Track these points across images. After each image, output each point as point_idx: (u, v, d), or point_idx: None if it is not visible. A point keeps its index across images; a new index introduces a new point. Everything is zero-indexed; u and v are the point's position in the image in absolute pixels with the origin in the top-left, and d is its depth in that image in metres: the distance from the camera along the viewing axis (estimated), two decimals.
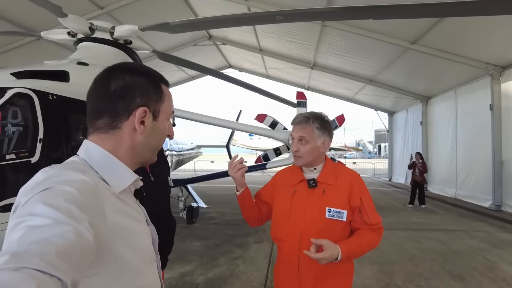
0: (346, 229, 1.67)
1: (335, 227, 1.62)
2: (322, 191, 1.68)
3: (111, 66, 0.87)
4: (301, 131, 1.73)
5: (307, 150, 1.71)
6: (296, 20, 5.50)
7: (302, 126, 1.73)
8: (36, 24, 8.56)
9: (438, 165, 12.48)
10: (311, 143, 1.71)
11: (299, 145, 1.72)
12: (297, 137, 1.73)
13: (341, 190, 1.67)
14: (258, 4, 9.41)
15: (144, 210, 0.93)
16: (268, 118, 6.51)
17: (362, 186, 1.72)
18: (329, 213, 1.63)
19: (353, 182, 1.70)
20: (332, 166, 1.78)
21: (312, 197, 1.68)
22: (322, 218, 1.63)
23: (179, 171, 14.90)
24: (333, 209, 1.63)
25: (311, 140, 1.71)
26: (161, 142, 0.93)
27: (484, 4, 3.02)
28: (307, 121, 1.73)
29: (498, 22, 6.85)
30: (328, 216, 1.62)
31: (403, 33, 8.85)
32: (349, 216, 1.65)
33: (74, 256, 0.55)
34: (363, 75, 13.26)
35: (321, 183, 1.70)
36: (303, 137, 1.71)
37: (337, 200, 1.65)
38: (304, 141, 1.71)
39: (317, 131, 1.72)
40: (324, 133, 1.74)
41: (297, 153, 1.73)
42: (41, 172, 0.69)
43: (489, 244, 5.89)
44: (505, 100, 8.71)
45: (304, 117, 1.75)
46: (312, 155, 1.72)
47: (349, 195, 1.66)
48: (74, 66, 3.83)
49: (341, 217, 1.63)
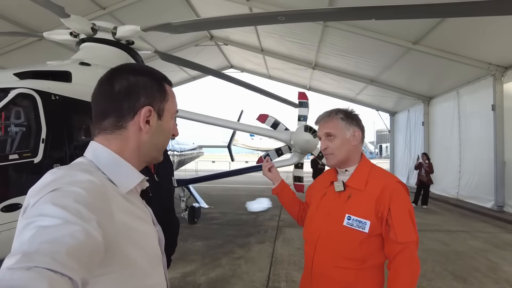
0: (367, 243, 1.43)
1: (353, 238, 1.42)
2: (347, 196, 1.51)
3: (115, 68, 0.88)
4: (325, 126, 1.58)
5: (337, 145, 1.54)
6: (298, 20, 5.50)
7: (325, 121, 1.59)
8: (39, 24, 8.59)
9: (440, 166, 12.41)
10: (340, 137, 1.55)
11: (326, 141, 1.57)
12: (323, 135, 1.58)
13: (368, 197, 1.46)
14: (260, 5, 9.42)
15: (151, 210, 0.94)
16: (270, 118, 6.51)
17: (396, 195, 1.44)
18: (348, 221, 1.44)
19: (385, 189, 1.45)
20: (367, 169, 1.56)
21: (337, 201, 1.53)
22: (339, 226, 1.46)
23: (180, 171, 14.93)
24: (353, 217, 1.44)
25: (339, 133, 1.55)
26: (167, 141, 0.94)
27: (486, 4, 3.01)
28: (329, 115, 1.59)
29: (500, 23, 6.83)
30: (346, 224, 1.44)
31: (405, 34, 8.84)
32: (373, 228, 1.42)
33: (84, 256, 0.56)
34: (365, 75, 13.24)
35: (349, 187, 1.53)
36: (329, 132, 1.56)
37: (360, 208, 1.45)
38: (331, 136, 1.56)
39: (342, 122, 1.55)
40: (351, 123, 1.56)
41: (327, 150, 1.57)
42: (49, 173, 0.70)
43: (492, 245, 5.87)
44: (507, 101, 8.68)
45: (325, 112, 1.62)
46: (344, 150, 1.55)
47: (377, 204, 1.43)
48: (77, 66, 3.84)
49: (362, 228, 1.42)
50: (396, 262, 1.39)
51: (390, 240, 1.40)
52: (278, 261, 4.90)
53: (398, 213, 1.41)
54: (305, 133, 6.00)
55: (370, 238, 1.42)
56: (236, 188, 13.99)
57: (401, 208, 1.42)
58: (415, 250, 1.42)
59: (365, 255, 1.43)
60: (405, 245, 1.38)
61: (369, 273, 1.45)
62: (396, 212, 1.41)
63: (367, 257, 1.44)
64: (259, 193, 12.63)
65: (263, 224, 7.43)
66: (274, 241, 5.98)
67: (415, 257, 1.41)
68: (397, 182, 1.51)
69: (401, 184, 1.51)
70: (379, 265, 1.47)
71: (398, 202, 1.43)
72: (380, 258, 1.47)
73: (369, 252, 1.44)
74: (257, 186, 14.80)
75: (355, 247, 1.42)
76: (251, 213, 8.93)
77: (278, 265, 4.75)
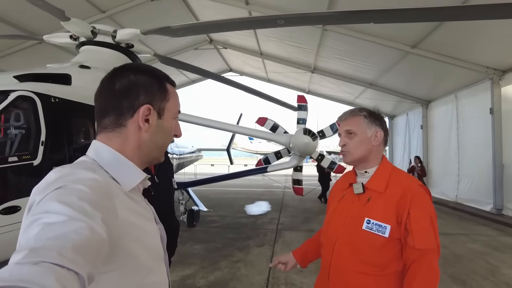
0: (387, 248, 1.38)
1: (373, 242, 1.37)
2: (367, 199, 1.45)
3: (117, 67, 0.89)
4: (347, 123, 1.54)
5: (356, 143, 1.50)
6: (297, 24, 5.53)
7: (347, 117, 1.55)
8: (39, 27, 8.60)
9: (438, 169, 12.46)
10: (360, 135, 1.50)
11: (346, 138, 1.52)
12: (344, 131, 1.54)
13: (389, 200, 1.40)
14: (259, 8, 9.46)
15: (153, 208, 0.95)
16: (269, 121, 6.54)
17: (417, 199, 1.38)
18: (367, 225, 1.39)
19: (406, 193, 1.38)
20: (388, 171, 1.50)
21: (356, 204, 1.48)
22: (358, 229, 1.40)
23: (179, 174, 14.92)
24: (373, 221, 1.39)
25: (360, 131, 1.50)
26: (168, 140, 0.94)
27: (483, 8, 3.04)
28: (352, 111, 1.55)
29: (497, 27, 6.87)
30: (365, 228, 1.39)
31: (404, 37, 8.89)
32: (393, 233, 1.36)
33: (89, 251, 0.57)
34: (364, 79, 13.29)
35: (368, 190, 1.47)
36: (350, 129, 1.52)
37: (381, 212, 1.39)
38: (352, 134, 1.51)
39: (365, 120, 1.51)
40: (374, 123, 1.52)
41: (345, 147, 1.53)
42: (53, 172, 0.71)
43: (491, 247, 5.88)
44: (505, 104, 8.72)
45: (350, 110, 1.59)
46: (363, 149, 1.50)
47: (397, 208, 1.37)
48: (76, 69, 3.86)
49: (382, 232, 1.36)
50: (412, 269, 1.32)
51: (408, 246, 1.34)
52: None
53: (418, 218, 1.35)
54: (304, 136, 6.02)
55: (390, 243, 1.37)
56: (235, 191, 13.98)
57: (421, 213, 1.36)
58: (434, 258, 1.33)
59: (386, 261, 1.38)
60: (423, 252, 1.31)
61: (390, 280, 1.39)
62: (416, 216, 1.34)
63: (388, 263, 1.38)
64: (258, 196, 12.63)
65: (262, 227, 7.41)
66: (273, 244, 5.97)
67: (433, 265, 1.32)
68: (420, 186, 1.45)
69: (423, 188, 1.44)
70: (401, 272, 1.39)
71: (419, 207, 1.37)
72: (402, 265, 1.40)
73: (390, 258, 1.38)
74: (256, 190, 14.78)
75: (375, 252, 1.37)
76: (250, 216, 8.92)
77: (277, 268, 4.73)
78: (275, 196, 12.78)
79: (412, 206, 1.35)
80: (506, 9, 2.91)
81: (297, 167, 6.64)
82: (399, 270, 1.39)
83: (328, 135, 6.57)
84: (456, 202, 10.61)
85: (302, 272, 4.41)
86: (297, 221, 8.21)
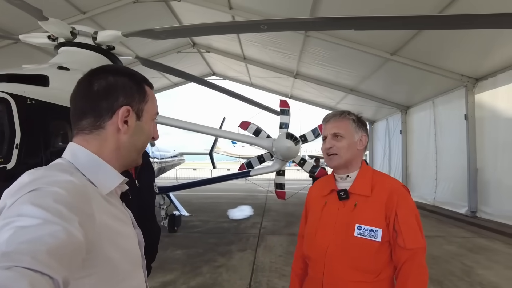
0: (381, 252, 1.38)
1: (367, 248, 1.35)
2: (353, 204, 1.42)
3: (94, 68, 0.88)
4: (335, 126, 1.50)
5: (344, 146, 1.46)
6: (279, 29, 5.58)
7: (336, 119, 1.51)
8: (15, 27, 8.33)
9: (417, 173, 12.80)
10: (348, 139, 1.47)
11: (333, 141, 1.48)
12: (331, 134, 1.49)
13: (376, 203, 1.40)
14: (243, 13, 9.50)
15: (130, 213, 0.93)
16: (252, 125, 6.56)
17: (402, 199, 1.40)
18: (359, 231, 1.36)
19: (392, 194, 1.40)
20: (369, 174, 1.50)
21: (343, 210, 1.44)
22: (350, 237, 1.37)
23: (160, 178, 14.70)
24: (364, 227, 1.36)
25: (348, 134, 1.48)
26: (146, 142, 0.93)
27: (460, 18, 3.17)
28: (341, 114, 1.52)
29: (472, 36, 7.17)
30: (357, 235, 1.36)
31: (384, 45, 9.12)
32: (384, 236, 1.36)
33: (65, 255, 0.55)
34: (345, 84, 13.54)
35: (353, 195, 1.44)
36: (338, 132, 1.48)
37: (370, 216, 1.38)
38: (339, 136, 1.48)
39: (353, 124, 1.50)
40: (360, 128, 1.52)
41: (331, 149, 1.48)
42: (27, 174, 0.68)
43: (466, 249, 6.07)
44: (479, 111, 9.07)
45: (337, 112, 1.55)
46: (349, 152, 1.47)
47: (386, 210, 1.38)
48: (55, 70, 3.74)
49: (375, 237, 1.35)
50: (405, 269, 1.34)
51: (398, 247, 1.35)
52: (260, 269, 4.88)
53: (405, 218, 1.37)
54: (287, 140, 6.06)
55: (383, 246, 1.37)
56: (218, 196, 13.89)
57: (408, 213, 1.38)
58: (423, 256, 1.38)
59: (381, 266, 1.38)
60: (413, 252, 1.34)
61: (385, 285, 1.40)
62: (404, 217, 1.37)
63: (382, 268, 1.38)
64: (241, 200, 12.59)
65: (245, 232, 7.39)
66: (256, 249, 5.96)
67: (423, 264, 1.37)
68: (402, 186, 1.47)
69: (405, 188, 1.47)
70: (392, 276, 1.42)
71: (405, 207, 1.39)
72: (392, 268, 1.41)
73: (384, 262, 1.38)
74: (239, 194, 14.74)
75: (371, 258, 1.36)
76: (232, 220, 8.88)
77: (259, 272, 4.73)
78: (257, 200, 12.78)
79: (398, 207, 1.37)
80: (480, 20, 3.04)
81: (279, 171, 6.67)
82: (391, 274, 1.41)
83: (310, 139, 6.64)
84: (433, 205, 10.92)
85: (284, 276, 4.42)
86: (280, 225, 8.24)
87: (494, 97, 8.52)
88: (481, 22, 3.24)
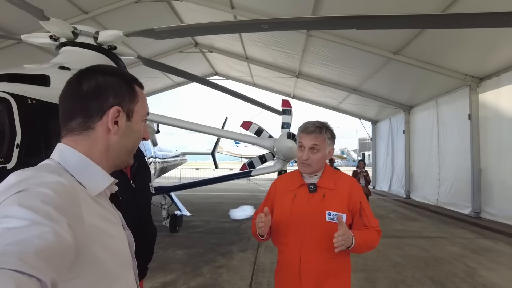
0: None
1: (336, 230, 1.62)
2: (322, 195, 1.76)
3: (83, 69, 0.87)
4: (314, 140, 1.78)
5: (318, 158, 1.78)
6: (281, 28, 5.56)
7: (316, 135, 1.78)
8: (17, 27, 8.37)
9: (420, 173, 12.74)
10: (322, 152, 1.79)
11: (310, 153, 1.78)
12: (309, 146, 1.78)
13: (340, 194, 1.76)
14: (244, 13, 9.49)
15: (120, 214, 0.91)
16: (254, 125, 6.54)
17: (360, 191, 1.83)
18: (329, 217, 1.70)
19: (352, 187, 1.80)
20: (331, 172, 1.87)
21: (313, 201, 1.75)
22: (323, 222, 1.70)
23: (162, 178, 14.71)
24: (333, 213, 1.70)
25: (322, 149, 1.79)
26: (137, 143, 0.92)
27: (462, 17, 3.13)
28: (320, 131, 1.79)
29: (475, 35, 7.12)
30: (328, 219, 1.70)
31: (386, 44, 9.08)
32: (348, 220, 1.74)
33: (53, 257, 0.54)
34: (348, 84, 13.50)
35: (321, 188, 1.78)
36: (316, 145, 1.77)
37: (337, 204, 1.73)
38: (315, 150, 1.78)
39: (328, 141, 1.80)
40: (331, 142, 1.84)
41: (308, 161, 1.78)
42: (13, 175, 0.67)
43: (469, 250, 6.02)
44: (483, 110, 9.01)
45: (316, 127, 1.80)
46: (321, 163, 1.81)
47: (349, 199, 1.75)
48: (56, 70, 3.74)
49: None
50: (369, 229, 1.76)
51: (363, 226, 1.75)
52: (260, 269, 4.87)
53: (366, 205, 1.80)
54: (288, 140, 6.04)
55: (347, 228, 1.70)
56: (220, 196, 13.88)
57: (366, 202, 1.83)
58: (381, 233, 1.83)
59: None
60: (377, 228, 1.80)
61: (345, 259, 1.80)
62: (365, 205, 1.79)
63: None
64: (243, 200, 12.57)
65: (246, 232, 7.37)
66: (257, 249, 5.94)
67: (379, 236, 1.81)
68: (357, 181, 1.93)
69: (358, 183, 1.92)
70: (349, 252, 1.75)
71: (363, 198, 1.82)
72: None
73: None
74: (240, 194, 14.72)
75: None
76: (234, 221, 8.87)
77: (260, 273, 4.72)
78: (259, 201, 12.59)
79: (360, 197, 1.80)
80: (485, 18, 3.01)
81: (281, 171, 6.65)
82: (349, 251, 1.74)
83: None
84: (437, 206, 10.86)
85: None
86: None
87: (498, 96, 8.46)
88: (485, 21, 3.20)
